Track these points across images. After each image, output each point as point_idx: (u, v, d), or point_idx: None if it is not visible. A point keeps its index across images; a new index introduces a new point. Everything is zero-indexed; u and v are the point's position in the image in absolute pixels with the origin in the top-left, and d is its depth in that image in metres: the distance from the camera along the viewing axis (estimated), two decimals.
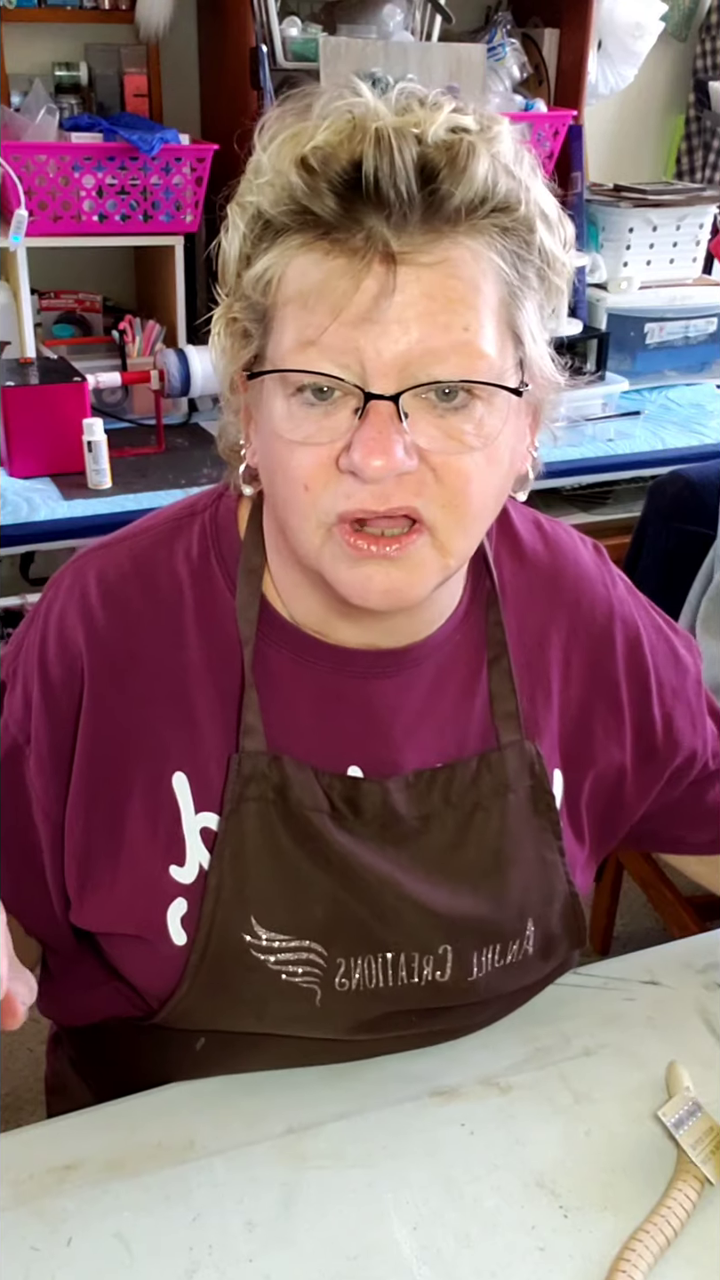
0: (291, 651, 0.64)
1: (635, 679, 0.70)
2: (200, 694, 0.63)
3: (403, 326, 0.50)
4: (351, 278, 0.50)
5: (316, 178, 0.50)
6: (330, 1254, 0.59)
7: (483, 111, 0.54)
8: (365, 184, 0.49)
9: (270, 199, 0.52)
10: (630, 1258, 0.58)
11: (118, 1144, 0.65)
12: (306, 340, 0.52)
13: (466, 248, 0.51)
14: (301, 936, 0.63)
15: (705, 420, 1.92)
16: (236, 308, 0.56)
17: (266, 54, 1.67)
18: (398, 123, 0.51)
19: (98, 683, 0.63)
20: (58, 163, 1.63)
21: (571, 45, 1.98)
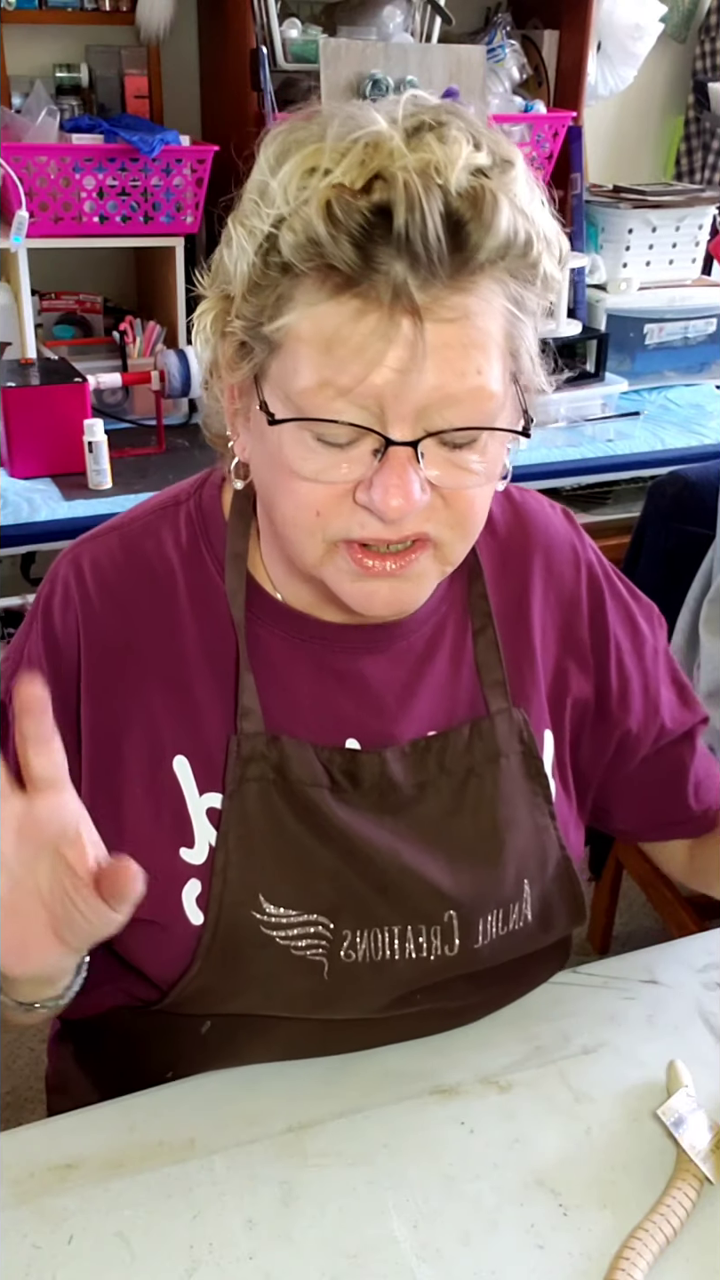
0: (284, 631, 0.66)
1: (597, 642, 0.72)
2: (197, 677, 0.65)
3: (422, 375, 0.52)
4: (380, 334, 0.51)
5: (340, 227, 0.49)
6: (330, 1252, 0.59)
7: (492, 137, 0.53)
8: (397, 240, 0.49)
9: (290, 243, 0.51)
10: (629, 1256, 0.58)
11: (118, 1142, 0.65)
12: (331, 385, 0.52)
13: (482, 296, 0.53)
14: (308, 910, 0.64)
15: (705, 421, 1.92)
16: (237, 325, 0.56)
17: (267, 55, 1.67)
18: (419, 163, 0.50)
19: (95, 670, 0.64)
20: (58, 164, 1.64)
21: (571, 46, 1.98)
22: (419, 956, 0.66)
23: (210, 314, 0.58)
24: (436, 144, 0.50)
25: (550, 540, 0.72)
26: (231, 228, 0.55)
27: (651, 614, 0.77)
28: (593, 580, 0.73)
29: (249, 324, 0.55)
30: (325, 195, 0.50)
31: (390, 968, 0.66)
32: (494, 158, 0.52)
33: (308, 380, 0.53)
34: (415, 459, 0.53)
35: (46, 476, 1.56)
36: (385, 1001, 0.68)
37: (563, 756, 0.72)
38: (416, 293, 0.50)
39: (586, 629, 0.72)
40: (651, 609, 0.77)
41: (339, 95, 1.70)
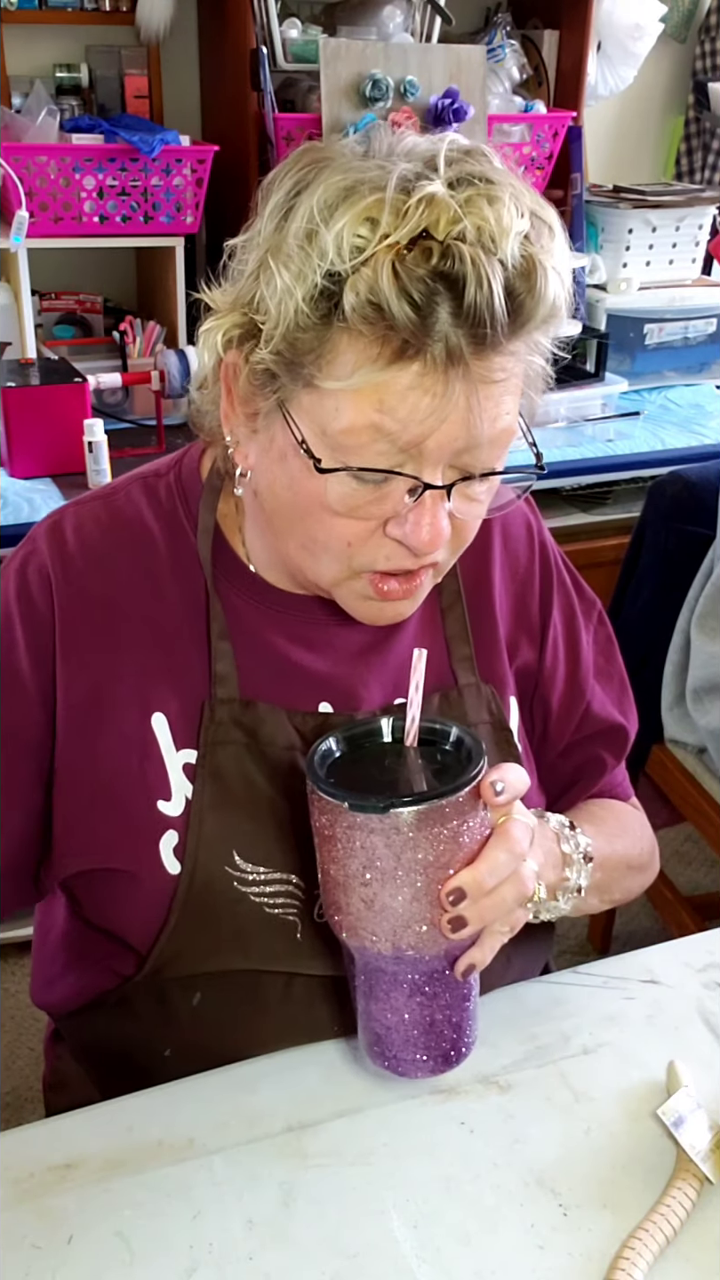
0: (258, 601, 0.68)
1: (543, 619, 0.77)
2: (177, 638, 0.67)
3: (464, 427, 0.55)
4: (432, 395, 0.53)
5: (405, 296, 0.51)
6: (330, 1252, 0.59)
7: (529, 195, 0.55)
8: (465, 313, 0.52)
9: (352, 303, 0.52)
10: (629, 1256, 0.58)
11: (118, 1142, 0.65)
12: (377, 431, 0.54)
13: (520, 359, 0.57)
14: (279, 869, 0.66)
15: (705, 421, 1.92)
16: (268, 357, 0.56)
17: (267, 55, 1.67)
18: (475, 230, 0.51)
19: (73, 627, 0.66)
20: (58, 164, 1.64)
21: (571, 46, 1.98)
22: None
23: (221, 330, 0.59)
24: (487, 207, 0.52)
25: (508, 519, 0.76)
26: (273, 267, 0.55)
27: (592, 609, 0.80)
28: (545, 560, 0.77)
29: (286, 361, 0.56)
30: (389, 260, 0.51)
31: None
32: (534, 220, 0.54)
33: (352, 424, 0.55)
34: (446, 498, 0.58)
35: (46, 476, 1.56)
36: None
37: (523, 724, 0.76)
38: (472, 360, 0.53)
39: (537, 604, 0.77)
40: (593, 603, 0.80)
41: (339, 95, 1.70)
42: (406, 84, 1.73)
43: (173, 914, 0.66)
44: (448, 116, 1.77)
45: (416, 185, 0.52)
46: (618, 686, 0.81)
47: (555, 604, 0.77)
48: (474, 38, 1.98)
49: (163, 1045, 0.71)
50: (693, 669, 1.34)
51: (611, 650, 0.81)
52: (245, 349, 0.58)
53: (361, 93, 1.70)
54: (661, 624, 1.41)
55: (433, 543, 0.58)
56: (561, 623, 0.78)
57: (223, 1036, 0.70)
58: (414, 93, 1.74)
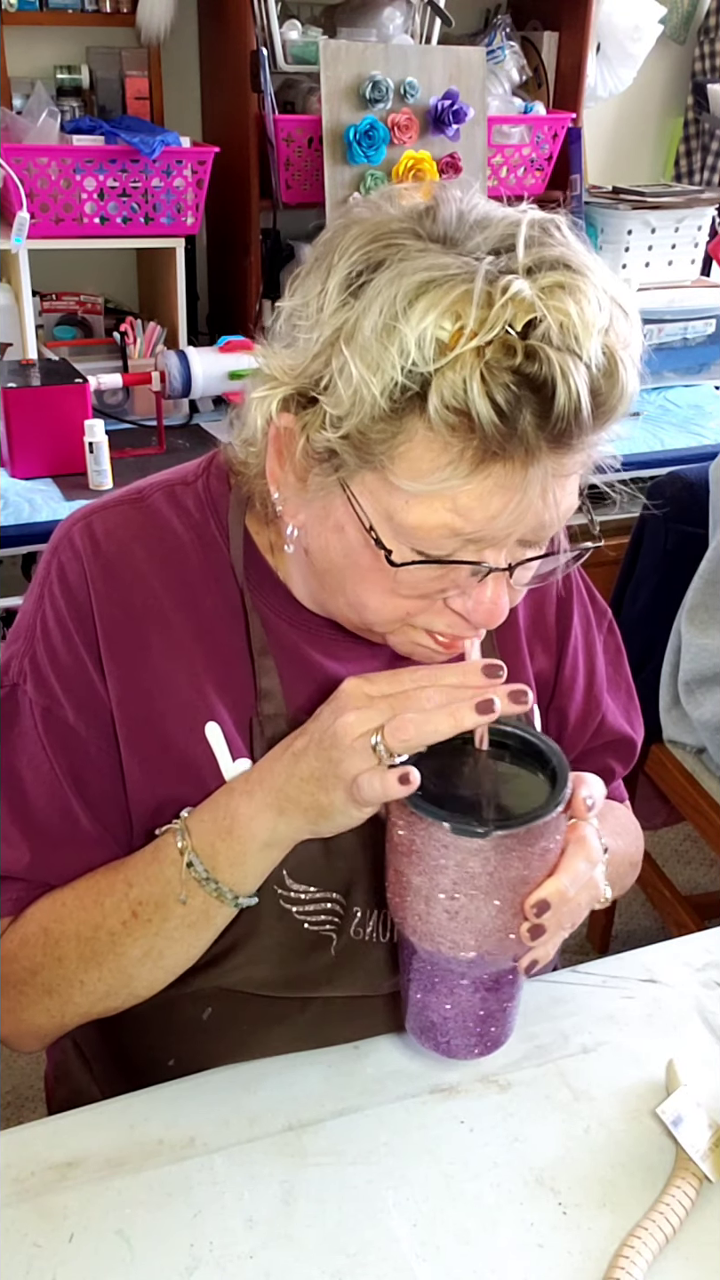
0: (293, 616, 0.68)
1: (561, 630, 0.77)
2: (218, 648, 0.66)
3: (535, 517, 0.54)
4: (511, 493, 0.53)
5: (493, 404, 0.49)
6: (330, 1250, 0.59)
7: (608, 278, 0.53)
8: (553, 421, 0.50)
9: (437, 407, 0.50)
10: (629, 1254, 0.58)
11: (119, 1141, 0.65)
12: (450, 529, 0.54)
13: (592, 450, 0.56)
14: (326, 889, 0.66)
15: (704, 421, 1.93)
16: (336, 440, 0.54)
17: (267, 57, 1.67)
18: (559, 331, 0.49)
19: (116, 631, 0.64)
20: (59, 165, 1.64)
21: (570, 48, 1.98)
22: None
23: (275, 400, 0.57)
24: (570, 301, 0.50)
25: None
26: (346, 355, 0.52)
27: (604, 619, 0.80)
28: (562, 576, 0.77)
29: (355, 445, 0.54)
30: (477, 365, 0.49)
31: (392, 947, 0.68)
32: (614, 308, 0.53)
33: (422, 522, 0.54)
34: (509, 576, 0.57)
35: (47, 477, 1.57)
36: (383, 979, 0.69)
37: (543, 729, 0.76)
38: (549, 459, 0.52)
39: (554, 613, 0.76)
40: (605, 613, 0.80)
41: (339, 97, 1.70)
42: (406, 85, 1.74)
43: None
44: (447, 118, 1.77)
45: (499, 279, 0.50)
46: (626, 696, 0.81)
47: (575, 614, 0.77)
48: (474, 39, 1.99)
49: (167, 1055, 0.71)
50: (683, 662, 1.34)
51: (620, 660, 0.81)
52: (302, 418, 0.56)
53: (361, 94, 1.70)
54: (661, 624, 1.42)
55: (495, 618, 0.58)
56: (581, 632, 0.77)
57: (230, 1050, 0.70)
58: (414, 94, 1.75)
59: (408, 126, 1.75)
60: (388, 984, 0.70)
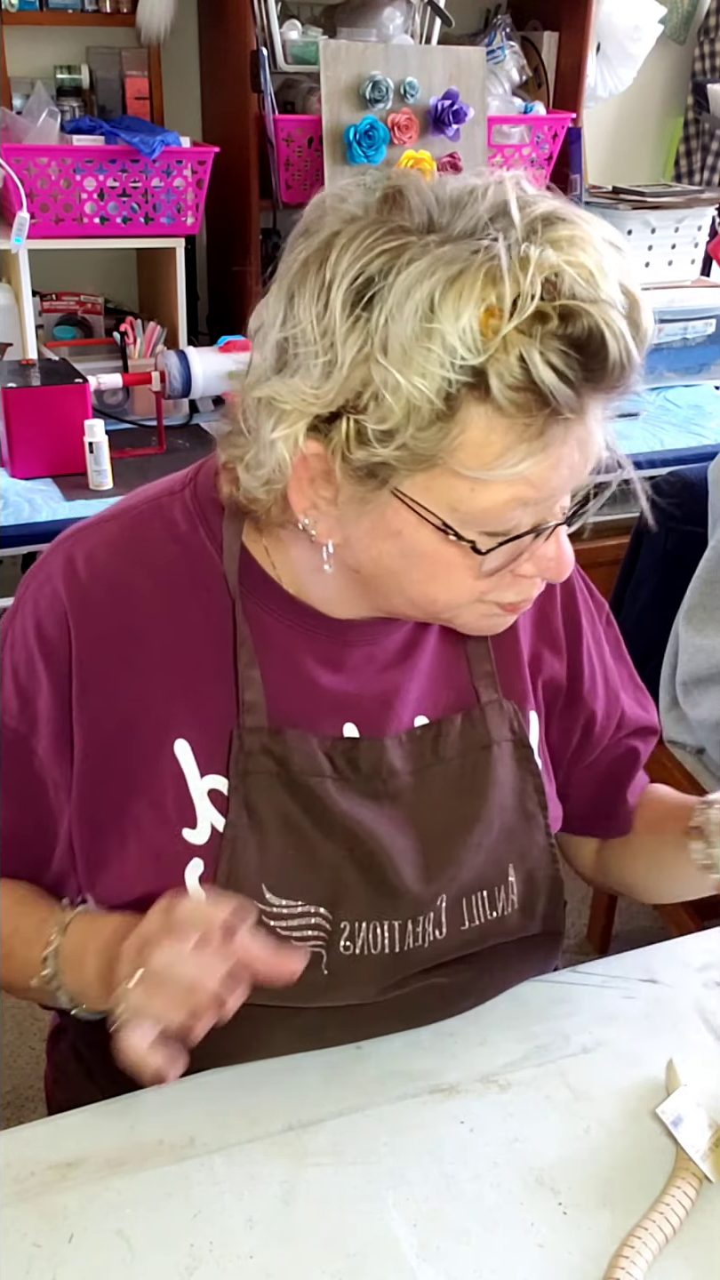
0: (286, 619, 0.67)
1: (570, 628, 0.76)
2: (199, 660, 0.66)
3: (585, 466, 0.57)
4: (577, 450, 0.55)
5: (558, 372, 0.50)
6: (330, 1251, 0.59)
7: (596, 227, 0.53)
8: (612, 372, 0.52)
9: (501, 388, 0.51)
10: (629, 1255, 0.58)
11: (119, 1141, 0.65)
12: (521, 501, 0.55)
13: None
14: (308, 902, 0.66)
15: (704, 421, 1.92)
16: (385, 452, 0.54)
17: (267, 57, 1.67)
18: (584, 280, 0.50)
19: (90, 658, 0.65)
20: (59, 165, 1.64)
21: (570, 48, 1.98)
22: (415, 945, 0.68)
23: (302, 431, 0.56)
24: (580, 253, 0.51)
25: None
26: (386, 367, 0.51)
27: (602, 610, 0.80)
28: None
29: (411, 453, 0.54)
30: (531, 343, 0.50)
31: (386, 959, 0.67)
32: (616, 250, 0.53)
33: (493, 503, 0.55)
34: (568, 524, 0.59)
35: (47, 477, 1.57)
36: (380, 987, 0.69)
37: (542, 735, 0.75)
38: (600, 410, 0.54)
39: (560, 616, 0.75)
40: (603, 605, 0.81)
41: (339, 97, 1.70)
42: (406, 85, 1.73)
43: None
44: (447, 118, 1.77)
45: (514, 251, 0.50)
46: (633, 684, 0.81)
47: (581, 612, 0.76)
48: (474, 39, 1.99)
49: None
50: (680, 663, 1.34)
51: (621, 650, 0.81)
52: (330, 443, 0.55)
53: (361, 94, 1.70)
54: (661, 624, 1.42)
55: (565, 568, 0.60)
56: (589, 630, 0.77)
57: (229, 1054, 0.69)
58: (414, 94, 1.75)
59: (408, 126, 1.75)
60: (388, 992, 0.69)
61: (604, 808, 0.81)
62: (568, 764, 0.79)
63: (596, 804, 0.81)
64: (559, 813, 0.77)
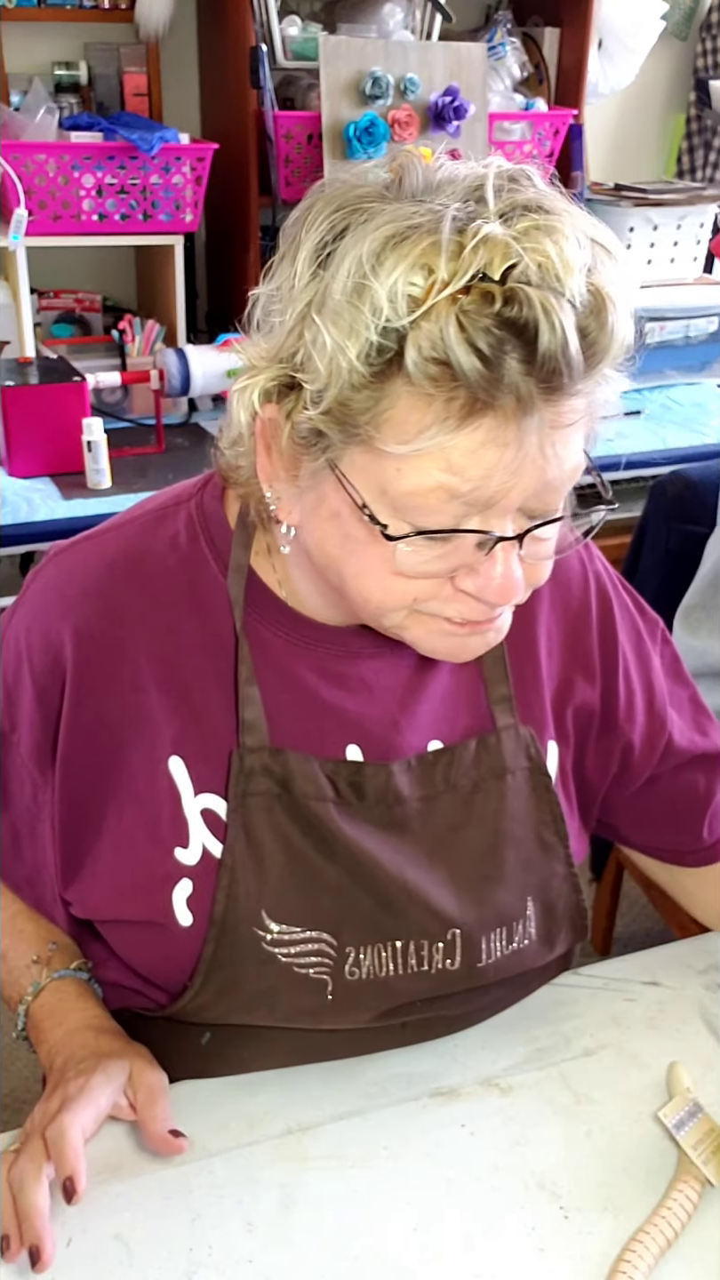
0: (287, 634, 0.65)
1: (606, 653, 0.72)
2: (196, 677, 0.64)
3: (536, 474, 0.52)
4: (503, 445, 0.50)
5: (474, 350, 0.47)
6: (330, 1255, 0.59)
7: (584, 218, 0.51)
8: (539, 362, 0.48)
9: (415, 361, 0.48)
10: (631, 1259, 0.58)
11: (117, 1145, 0.65)
12: (446, 491, 0.51)
13: (591, 391, 0.52)
14: (311, 928, 0.64)
15: (706, 420, 1.92)
16: (319, 418, 0.52)
17: (266, 53, 1.67)
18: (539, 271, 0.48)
19: (82, 671, 0.64)
20: (57, 162, 1.63)
21: (572, 44, 1.98)
22: (421, 970, 0.66)
23: (258, 388, 0.55)
24: (547, 241, 0.48)
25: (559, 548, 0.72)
26: (319, 323, 0.50)
27: (655, 629, 0.76)
28: (601, 592, 0.72)
29: (338, 420, 0.52)
30: (452, 312, 0.47)
31: (392, 983, 0.66)
32: (593, 248, 0.51)
33: (417, 486, 0.51)
34: (518, 546, 0.54)
35: (45, 476, 1.56)
36: (385, 1010, 0.67)
37: (565, 765, 0.71)
38: (544, 407, 0.50)
39: (596, 640, 0.71)
40: (656, 623, 0.76)
41: (339, 93, 1.69)
42: (407, 82, 1.73)
43: (197, 974, 0.63)
44: (448, 114, 1.76)
45: (469, 225, 0.48)
46: (693, 707, 0.76)
47: (621, 635, 0.72)
48: (474, 35, 1.98)
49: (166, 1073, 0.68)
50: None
51: (679, 670, 0.77)
52: (285, 406, 0.54)
53: (361, 90, 1.70)
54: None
55: (509, 594, 0.55)
56: (632, 651, 0.73)
57: (228, 1070, 0.69)
58: (414, 90, 1.74)
59: (408, 123, 1.74)
60: (392, 1017, 0.68)
61: (677, 839, 0.77)
62: (610, 793, 0.74)
63: (666, 834, 0.77)
64: (584, 845, 0.74)
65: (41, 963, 0.70)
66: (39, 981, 0.69)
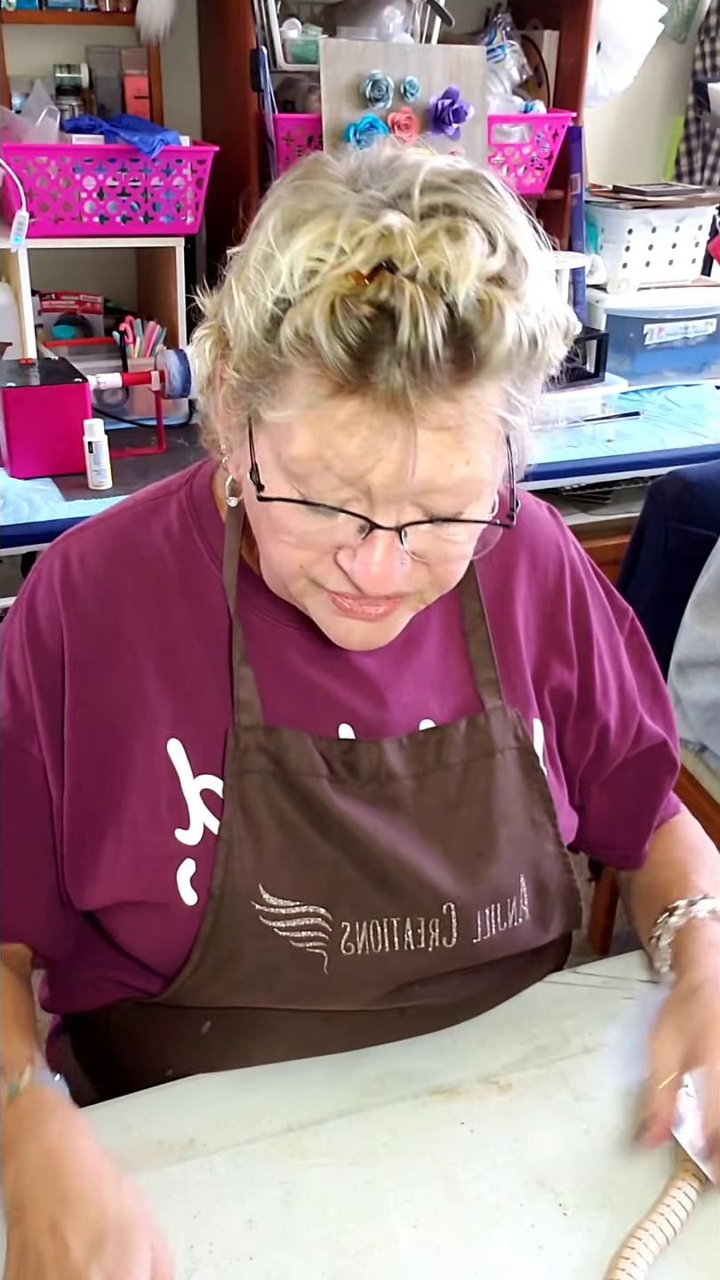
0: (276, 619, 0.67)
1: (581, 636, 0.74)
2: (191, 662, 0.66)
3: (402, 467, 0.52)
4: (375, 435, 0.51)
5: (339, 336, 0.48)
6: (330, 1252, 0.59)
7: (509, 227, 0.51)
8: (399, 352, 0.48)
9: (288, 338, 0.50)
10: (629, 1256, 0.58)
11: (118, 1142, 0.65)
12: (322, 463, 0.52)
13: (480, 400, 0.52)
14: (307, 902, 0.65)
15: (705, 421, 1.92)
16: (233, 376, 0.55)
17: (267, 56, 1.67)
18: (428, 269, 0.48)
19: (83, 659, 0.65)
20: (59, 164, 1.64)
21: (571, 47, 1.98)
22: (418, 948, 0.67)
23: (209, 340, 0.58)
24: (449, 244, 0.49)
25: (535, 537, 0.74)
26: (234, 287, 0.53)
27: (625, 616, 0.78)
28: (575, 577, 0.75)
29: (246, 382, 0.54)
30: (331, 295, 0.48)
31: (389, 960, 0.67)
32: (509, 258, 0.50)
33: (300, 452, 0.53)
34: (399, 539, 0.55)
35: (46, 476, 1.56)
36: (383, 993, 0.68)
37: (551, 743, 0.74)
38: (415, 403, 0.50)
39: (570, 623, 0.74)
40: (626, 611, 0.78)
41: (339, 96, 1.70)
42: (406, 84, 1.73)
43: (196, 949, 0.64)
44: (448, 117, 1.77)
45: (379, 214, 0.49)
46: (652, 696, 0.79)
47: (593, 619, 0.75)
48: (474, 38, 1.98)
49: (165, 1065, 0.70)
50: (679, 646, 1.35)
51: (645, 657, 0.79)
52: (226, 360, 0.57)
53: (361, 93, 1.70)
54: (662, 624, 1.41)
55: (378, 583, 0.55)
56: (604, 637, 0.75)
57: (229, 1061, 0.69)
58: (414, 93, 1.75)
59: (408, 125, 1.75)
60: (388, 1001, 0.68)
61: (619, 833, 0.79)
62: (585, 776, 0.77)
63: (613, 827, 0.79)
64: (572, 823, 0.75)
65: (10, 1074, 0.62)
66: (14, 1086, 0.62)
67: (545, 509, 0.76)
